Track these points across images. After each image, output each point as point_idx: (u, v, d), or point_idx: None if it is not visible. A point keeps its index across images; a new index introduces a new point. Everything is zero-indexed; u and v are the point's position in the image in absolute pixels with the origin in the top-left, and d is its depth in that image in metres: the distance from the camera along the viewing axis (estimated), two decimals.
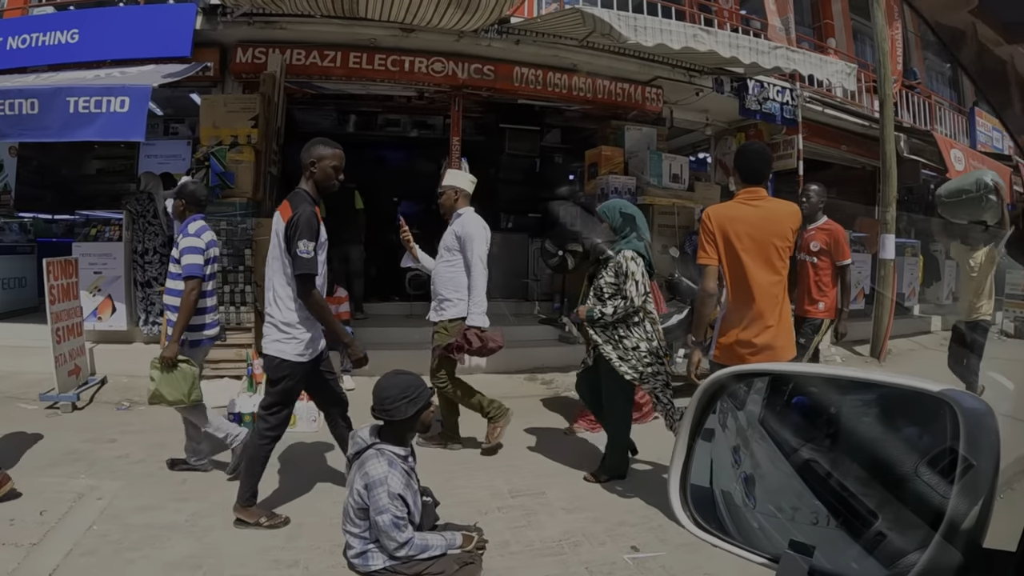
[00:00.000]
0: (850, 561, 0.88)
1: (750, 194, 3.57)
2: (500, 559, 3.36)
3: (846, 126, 10.57)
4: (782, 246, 3.48)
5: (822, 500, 0.95)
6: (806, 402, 1.05)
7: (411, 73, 7.59)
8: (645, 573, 3.27)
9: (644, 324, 4.33)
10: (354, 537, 3.13)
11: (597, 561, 3.36)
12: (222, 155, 6.09)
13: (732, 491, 1.09)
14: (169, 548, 3.45)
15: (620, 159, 8.38)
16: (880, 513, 0.87)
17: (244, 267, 6.21)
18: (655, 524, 3.76)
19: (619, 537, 3.63)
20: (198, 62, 6.79)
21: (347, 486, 3.21)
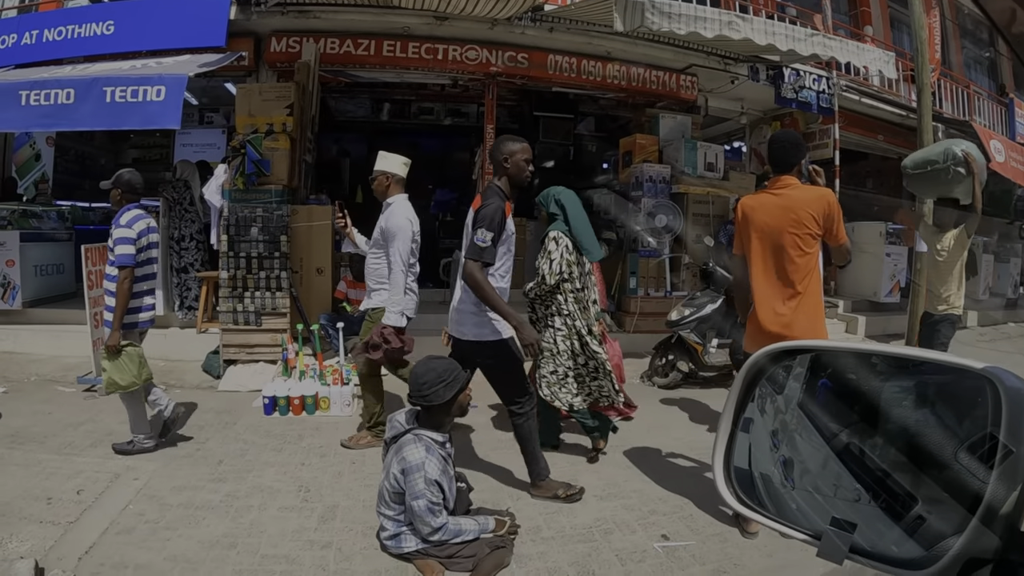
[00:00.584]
0: (889, 542, 0.88)
1: (776, 183, 3.57)
2: (532, 544, 3.33)
3: (883, 116, 10.27)
4: (798, 232, 3.43)
5: (861, 483, 0.95)
6: (844, 385, 1.04)
7: (445, 61, 7.52)
8: (675, 562, 3.22)
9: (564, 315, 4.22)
10: (388, 520, 3.14)
11: (628, 549, 3.32)
12: (258, 143, 6.09)
13: (771, 474, 1.08)
14: (204, 527, 3.45)
15: (655, 147, 8.22)
16: (919, 496, 0.87)
17: (280, 253, 6.20)
18: (686, 514, 3.73)
19: (650, 525, 3.58)
20: (232, 52, 6.81)
21: (384, 469, 3.21)
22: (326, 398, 5.24)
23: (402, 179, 4.65)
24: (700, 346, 6.26)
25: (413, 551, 3.08)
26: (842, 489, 0.97)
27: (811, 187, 3.58)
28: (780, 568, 3.19)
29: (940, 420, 0.90)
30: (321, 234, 6.48)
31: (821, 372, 1.08)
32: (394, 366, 4.78)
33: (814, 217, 3.41)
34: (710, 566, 3.18)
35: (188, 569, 3.05)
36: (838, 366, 1.08)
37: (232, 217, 6.11)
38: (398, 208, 4.50)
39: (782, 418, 1.11)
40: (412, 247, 4.48)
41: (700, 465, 4.45)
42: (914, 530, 0.86)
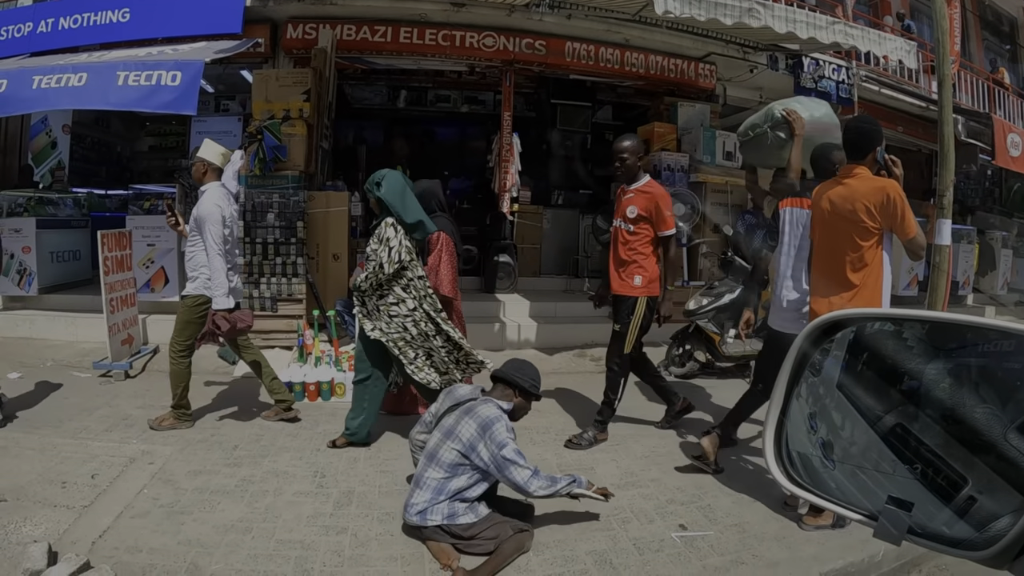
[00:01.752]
0: (940, 523, 0.87)
1: (846, 171, 3.45)
2: (549, 532, 3.27)
3: (903, 107, 10.10)
4: (854, 224, 3.31)
5: (907, 463, 0.93)
6: (885, 365, 1.03)
7: (462, 48, 7.41)
8: (693, 552, 3.16)
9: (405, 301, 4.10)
10: (427, 489, 3.08)
11: (646, 538, 3.27)
12: (275, 128, 5.99)
13: (810, 455, 1.06)
14: (219, 512, 3.41)
15: (673, 136, 8.09)
16: (969, 477, 0.86)
17: (296, 239, 6.11)
18: (704, 503, 3.67)
19: (668, 515, 3.53)
20: (249, 38, 6.72)
21: (444, 435, 3.16)
22: (341, 384, 5.17)
23: (219, 169, 4.67)
24: (718, 336, 6.13)
25: (434, 526, 3.04)
26: (889, 470, 0.96)
27: (874, 178, 3.37)
28: (799, 560, 3.14)
29: (986, 399, 0.87)
30: (338, 220, 6.39)
31: (861, 354, 1.05)
32: (237, 349, 4.79)
33: (869, 209, 3.26)
34: (728, 556, 3.13)
35: (202, 553, 3.01)
36: (878, 347, 1.04)
37: (248, 203, 6.04)
38: (209, 195, 4.53)
39: (821, 400, 1.08)
40: (224, 232, 4.47)
41: (718, 454, 4.30)
42: (965, 511, 0.84)
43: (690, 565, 3.04)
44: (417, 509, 3.07)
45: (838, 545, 3.24)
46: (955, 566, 3.33)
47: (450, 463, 3.08)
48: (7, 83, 5.58)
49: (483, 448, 3.05)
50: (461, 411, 3.18)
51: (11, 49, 7.04)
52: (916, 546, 2.81)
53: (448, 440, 3.11)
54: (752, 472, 4.13)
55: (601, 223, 7.84)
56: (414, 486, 3.15)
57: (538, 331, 7.05)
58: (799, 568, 3.07)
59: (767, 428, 1.08)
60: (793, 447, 1.07)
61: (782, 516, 3.55)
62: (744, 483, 3.94)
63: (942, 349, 0.96)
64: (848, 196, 3.34)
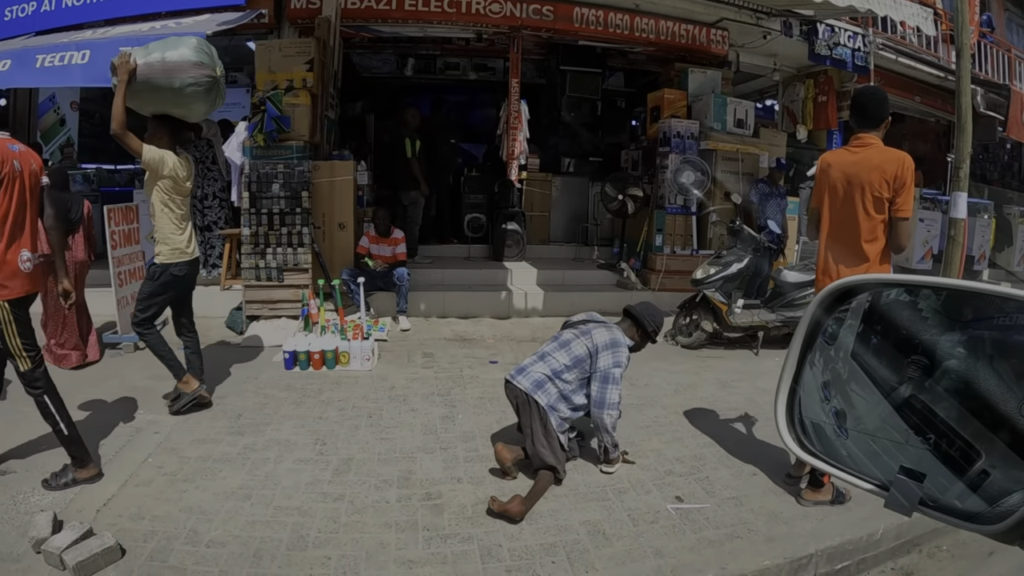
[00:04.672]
0: (952, 496, 0.85)
1: (855, 140, 3.30)
2: (544, 501, 3.21)
3: (920, 76, 9.72)
4: (866, 194, 3.18)
5: (920, 435, 0.90)
6: (900, 335, 0.98)
7: (468, 14, 7.18)
8: (688, 524, 3.10)
9: None
10: (547, 366, 3.46)
11: (641, 509, 3.21)
12: (278, 99, 5.86)
13: (823, 424, 1.04)
14: (221, 479, 3.39)
15: (683, 103, 7.84)
16: (982, 450, 0.83)
17: (301, 209, 6.02)
18: (702, 476, 3.60)
19: (665, 487, 3.46)
20: (253, 9, 6.56)
21: (579, 333, 3.54)
22: (346, 353, 5.10)
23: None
24: (725, 306, 5.97)
25: (535, 402, 3.39)
26: (901, 440, 0.93)
27: (891, 148, 3.22)
28: (795, 536, 3.05)
29: (1003, 373, 0.83)
30: (343, 189, 6.28)
31: (876, 323, 1.02)
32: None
33: (886, 180, 3.12)
34: (724, 530, 3.06)
35: (203, 520, 3.00)
36: (893, 316, 1.00)
37: (253, 174, 5.93)
38: None
39: (834, 369, 1.05)
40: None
41: (721, 426, 4.31)
42: (977, 485, 0.83)
43: (684, 537, 2.98)
44: (534, 378, 3.41)
45: (837, 522, 3.17)
46: (955, 547, 3.28)
47: (577, 356, 3.44)
48: (11, 63, 5.51)
49: (605, 357, 3.41)
50: (598, 323, 3.59)
51: (16, 29, 6.93)
52: (915, 525, 2.73)
53: (582, 337, 3.49)
54: (755, 445, 4.03)
55: (610, 190, 7.67)
56: (537, 359, 3.51)
57: (545, 299, 6.95)
58: (795, 544, 2.98)
59: (779, 396, 1.05)
60: (806, 415, 1.05)
61: (782, 491, 3.46)
62: (746, 455, 3.85)
63: (958, 320, 0.93)
64: (865, 165, 3.18)
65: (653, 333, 3.67)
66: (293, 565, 2.69)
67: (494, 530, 2.95)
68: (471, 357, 5.63)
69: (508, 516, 3.04)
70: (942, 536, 3.30)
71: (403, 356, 5.59)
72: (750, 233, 6.12)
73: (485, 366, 5.38)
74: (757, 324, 6.17)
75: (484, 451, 3.72)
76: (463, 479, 3.43)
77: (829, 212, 3.36)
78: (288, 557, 2.74)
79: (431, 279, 7.06)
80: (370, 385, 4.85)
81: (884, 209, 3.17)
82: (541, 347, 3.62)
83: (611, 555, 2.81)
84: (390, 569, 2.68)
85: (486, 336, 6.31)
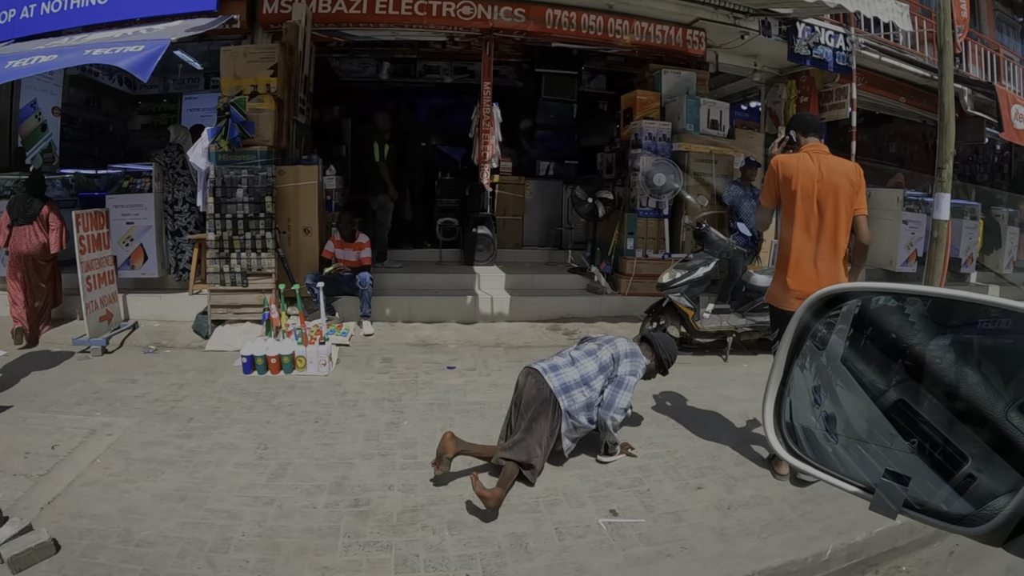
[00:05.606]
0: (939, 499, 0.87)
1: (811, 147, 3.69)
2: (473, 513, 3.22)
3: (906, 76, 9.63)
4: (844, 197, 3.58)
5: (908, 440, 0.94)
6: (889, 340, 1.03)
7: (439, 17, 7.23)
8: (618, 540, 3.03)
9: None
10: (577, 371, 3.63)
11: (571, 522, 3.16)
12: (242, 105, 5.97)
13: (813, 429, 1.07)
14: (162, 481, 3.49)
15: (656, 104, 7.86)
16: (968, 454, 0.86)
17: (265, 214, 6.13)
18: (644, 488, 3.54)
19: (602, 499, 3.40)
20: (224, 15, 6.68)
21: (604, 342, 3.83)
22: (302, 357, 5.20)
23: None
24: (691, 311, 5.96)
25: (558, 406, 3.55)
26: (890, 446, 0.96)
27: (843, 159, 3.75)
28: (733, 556, 2.97)
29: (989, 378, 0.87)
30: (308, 194, 6.40)
31: (865, 327, 1.05)
32: None
33: (851, 184, 3.59)
34: (655, 548, 2.98)
35: (137, 520, 3.09)
36: (883, 321, 1.04)
37: (218, 179, 6.05)
38: None
39: (825, 374, 1.08)
40: None
41: (672, 436, 4.27)
42: (964, 488, 0.86)
43: (611, 554, 2.93)
44: (564, 380, 3.57)
45: (781, 541, 3.07)
46: (916, 567, 3.23)
47: (603, 363, 3.67)
48: None
49: (625, 364, 3.66)
50: (620, 337, 3.88)
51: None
52: (871, 545, 2.82)
53: (607, 345, 3.75)
54: (706, 457, 3.99)
55: (580, 193, 7.72)
56: (569, 363, 3.68)
57: (512, 304, 7.02)
58: (731, 564, 2.90)
59: (766, 399, 1.08)
60: (796, 420, 1.08)
61: (727, 506, 3.38)
62: (695, 468, 3.82)
63: (946, 326, 0.95)
64: (834, 172, 3.59)
65: (666, 363, 3.94)
66: (213, 566, 2.77)
67: (415, 539, 2.98)
68: (430, 362, 5.69)
69: (485, 501, 3.12)
70: (901, 556, 3.23)
71: (362, 361, 5.68)
72: (717, 236, 6.11)
73: (442, 371, 5.46)
74: (726, 329, 6.17)
75: (422, 458, 3.75)
76: (395, 486, 3.47)
77: (802, 214, 3.61)
78: (209, 559, 2.82)
79: (399, 283, 7.16)
80: (323, 390, 4.93)
81: (850, 210, 3.59)
82: (567, 351, 3.82)
83: (530, 570, 2.78)
84: (304, 574, 2.74)
85: (449, 341, 6.38)
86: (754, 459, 3.93)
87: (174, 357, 5.77)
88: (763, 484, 3.63)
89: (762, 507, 3.37)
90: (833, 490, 2.98)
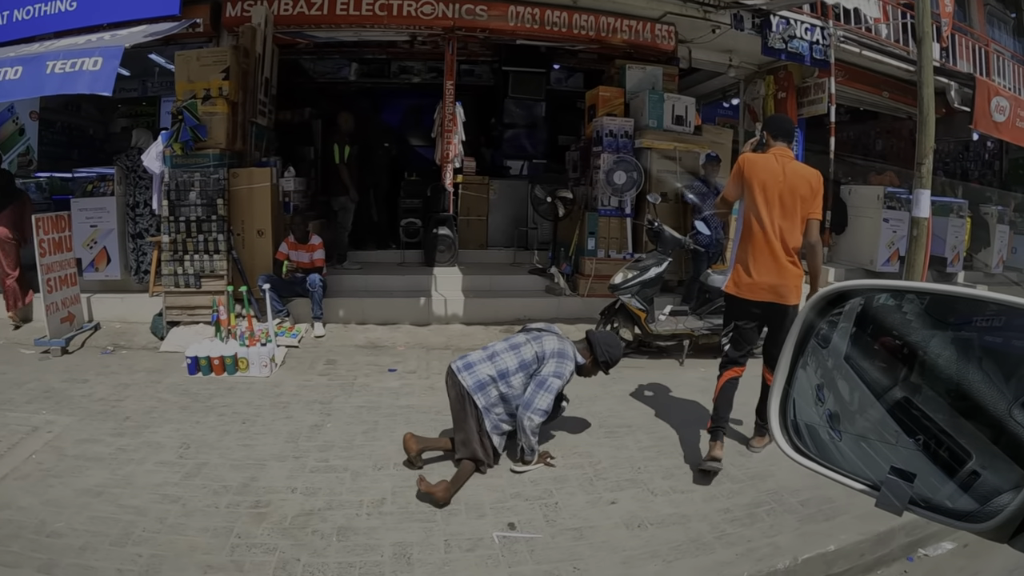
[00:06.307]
0: (943, 496, 0.89)
1: (777, 151, 3.92)
2: (367, 518, 3.31)
3: (888, 71, 9.56)
4: (804, 196, 3.81)
5: (913, 437, 0.96)
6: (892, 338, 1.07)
7: (400, 16, 7.36)
8: (507, 555, 3.01)
9: None
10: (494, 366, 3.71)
11: (464, 534, 3.17)
12: (193, 108, 6.22)
13: (817, 427, 1.10)
14: (85, 477, 3.70)
15: (620, 100, 7.90)
16: (973, 451, 0.88)
17: (217, 216, 6.38)
18: (552, 501, 3.52)
19: (504, 511, 3.40)
20: (187, 19, 6.92)
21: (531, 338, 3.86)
22: (244, 358, 5.42)
23: None
24: (644, 313, 5.95)
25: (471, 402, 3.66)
26: (894, 443, 0.99)
27: (807, 166, 4.00)
28: None
29: (992, 375, 0.89)
30: (261, 196, 6.62)
31: (868, 326, 1.08)
32: None
33: (811, 188, 3.83)
34: (544, 566, 2.93)
35: (54, 512, 3.30)
36: (885, 320, 1.08)
37: (172, 182, 6.31)
38: None
39: (828, 372, 1.12)
40: None
41: (600, 445, 4.26)
42: (969, 485, 0.87)
43: (495, 571, 2.90)
44: (478, 378, 3.67)
45: (687, 567, 2.98)
46: None
47: (524, 360, 3.72)
48: None
49: (549, 365, 3.70)
50: (553, 334, 3.88)
51: None
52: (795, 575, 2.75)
53: (533, 342, 3.78)
54: (630, 469, 3.94)
55: (539, 192, 7.82)
56: (487, 358, 3.76)
57: (466, 305, 7.16)
58: None
59: (772, 398, 1.11)
60: (801, 418, 1.11)
61: (639, 523, 3.31)
62: (614, 481, 3.78)
63: (948, 323, 0.99)
64: (796, 176, 3.83)
65: (603, 363, 3.96)
66: (108, 559, 2.96)
67: (302, 543, 3.08)
68: (373, 365, 5.86)
69: (433, 499, 3.31)
70: None
71: (306, 363, 5.89)
72: (671, 234, 6.08)
73: (382, 374, 5.63)
74: (681, 332, 6.16)
75: (335, 462, 3.90)
76: (298, 489, 3.59)
77: (762, 211, 3.84)
78: (108, 552, 3.01)
79: (356, 285, 7.36)
80: (261, 391, 5.13)
81: (805, 212, 3.84)
82: (492, 344, 3.88)
83: None
84: (189, 572, 2.89)
85: (398, 344, 6.54)
86: (684, 472, 3.88)
87: (129, 358, 6.04)
88: (685, 500, 3.56)
89: (678, 527, 3.28)
90: (763, 510, 3.09)
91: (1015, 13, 12.27)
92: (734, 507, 3.48)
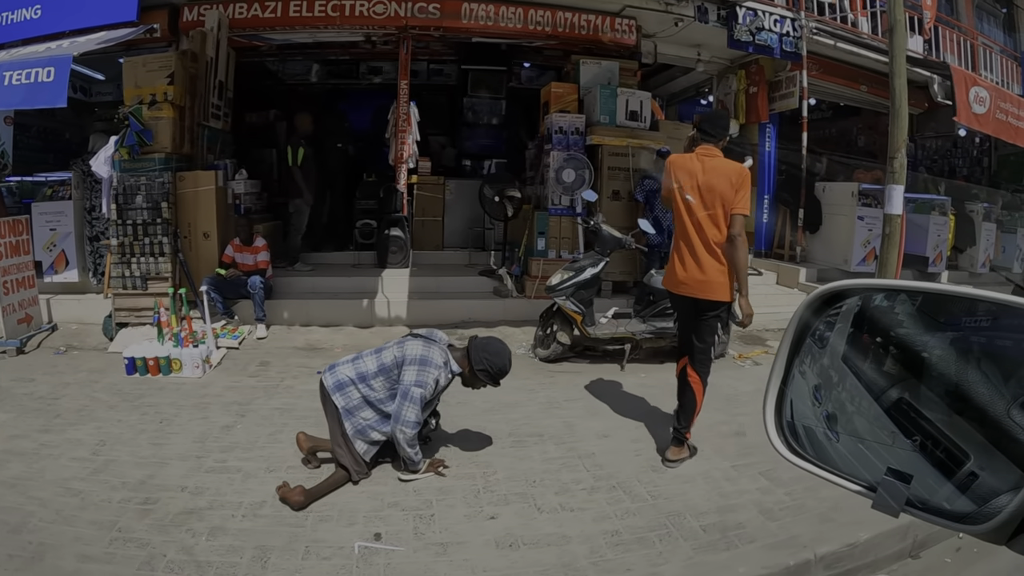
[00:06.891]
0: (941, 497, 0.91)
1: (702, 150, 4.11)
2: (242, 520, 3.44)
3: (865, 63, 9.54)
4: (725, 195, 3.95)
5: (910, 438, 0.98)
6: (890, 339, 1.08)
7: (353, 17, 7.64)
8: (363, 568, 3.04)
9: None
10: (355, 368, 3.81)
11: (326, 542, 3.23)
12: (139, 113, 6.59)
13: (814, 428, 1.12)
14: (5, 469, 4.01)
15: (573, 96, 8.02)
16: (971, 452, 0.90)
17: (162, 219, 6.74)
18: (428, 513, 3.54)
19: (376, 520, 3.44)
20: (144, 25, 7.29)
21: (396, 344, 3.88)
22: (178, 360, 5.74)
23: None
24: (580, 315, 5.93)
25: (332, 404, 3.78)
26: (891, 444, 1.01)
27: (732, 161, 4.12)
28: None
29: (990, 376, 0.91)
30: (207, 199, 6.95)
31: (866, 327, 1.10)
32: None
33: (732, 186, 3.95)
34: None
35: None
36: (883, 320, 1.09)
37: (120, 186, 6.70)
38: None
39: (825, 373, 1.14)
40: None
41: (504, 455, 4.28)
42: (966, 486, 0.89)
43: None
44: (338, 378, 3.79)
45: None
46: None
47: (384, 364, 3.75)
48: None
49: (408, 372, 3.66)
50: (423, 339, 3.87)
51: None
52: None
53: (395, 347, 3.81)
54: (523, 482, 3.92)
55: (487, 191, 7.97)
56: (351, 360, 3.87)
57: (410, 307, 7.36)
58: None
59: (767, 399, 1.13)
60: (797, 419, 1.12)
61: (510, 546, 3.25)
62: (502, 493, 3.76)
63: (945, 323, 1.00)
64: (715, 174, 3.99)
65: (483, 372, 3.81)
66: (3, 545, 3.24)
67: (173, 540, 3.25)
68: (304, 367, 6.07)
69: (288, 503, 3.46)
70: None
71: (241, 364, 6.18)
72: (609, 233, 6.08)
73: (310, 376, 5.74)
74: (621, 336, 6.13)
75: (232, 463, 4.11)
76: (188, 488, 3.78)
77: (684, 209, 4.06)
78: (4, 539, 3.30)
79: (304, 287, 7.63)
80: (188, 392, 5.42)
81: (728, 208, 3.98)
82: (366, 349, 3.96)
83: None
84: (67, 561, 3.13)
85: (336, 346, 6.78)
86: (582, 488, 3.84)
87: (78, 358, 6.42)
88: (571, 519, 3.49)
89: (553, 548, 3.21)
90: (656, 535, 3.28)
91: (1005, 8, 12.07)
92: (625, 529, 3.38)
